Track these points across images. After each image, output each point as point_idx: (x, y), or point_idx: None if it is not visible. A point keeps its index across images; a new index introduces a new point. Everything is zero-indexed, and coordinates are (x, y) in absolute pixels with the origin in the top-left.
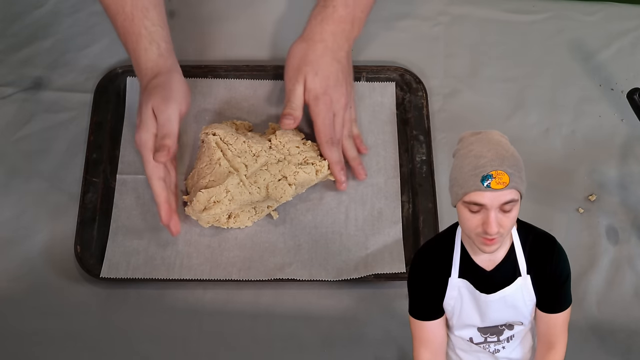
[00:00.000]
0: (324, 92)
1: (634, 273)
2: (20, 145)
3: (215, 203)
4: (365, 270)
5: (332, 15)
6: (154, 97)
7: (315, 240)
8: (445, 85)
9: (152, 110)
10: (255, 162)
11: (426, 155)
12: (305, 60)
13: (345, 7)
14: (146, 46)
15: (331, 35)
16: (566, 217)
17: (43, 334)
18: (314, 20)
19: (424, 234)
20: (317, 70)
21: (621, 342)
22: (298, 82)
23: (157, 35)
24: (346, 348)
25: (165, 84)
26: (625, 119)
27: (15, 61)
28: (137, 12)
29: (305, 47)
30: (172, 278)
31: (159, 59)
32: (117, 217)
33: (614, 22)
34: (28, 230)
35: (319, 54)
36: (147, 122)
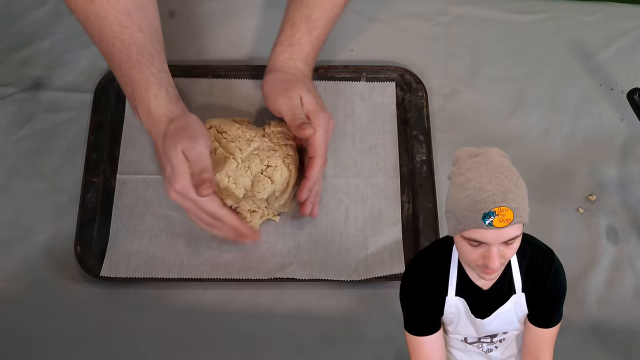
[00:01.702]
0: (320, 108)
1: (634, 273)
2: (20, 145)
3: (225, 190)
4: (365, 273)
5: (300, 52)
6: (181, 139)
7: (315, 241)
8: (445, 85)
9: (182, 154)
10: (248, 146)
11: (426, 155)
12: (292, 83)
13: (311, 46)
14: (156, 92)
15: (303, 66)
16: (566, 217)
17: (43, 334)
18: (281, 56)
19: (424, 234)
20: (308, 87)
21: (621, 342)
22: (294, 97)
23: (164, 82)
24: (346, 348)
25: (187, 125)
26: (625, 119)
27: (15, 61)
28: (144, 60)
29: (284, 74)
30: (172, 278)
31: (169, 104)
32: (117, 217)
33: (614, 22)
34: (28, 230)
35: (301, 78)
36: (181, 168)
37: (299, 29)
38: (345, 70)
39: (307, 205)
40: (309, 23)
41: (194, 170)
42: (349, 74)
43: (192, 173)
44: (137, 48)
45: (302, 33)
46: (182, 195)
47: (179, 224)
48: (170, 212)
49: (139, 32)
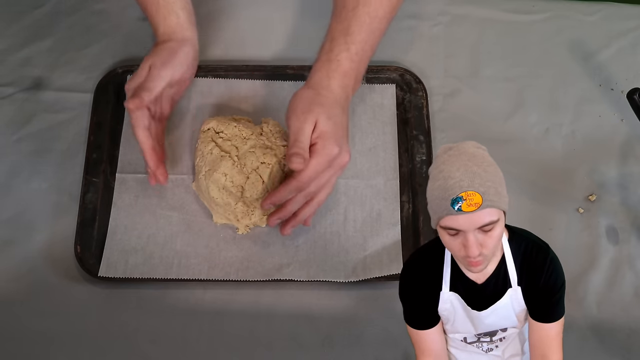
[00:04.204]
0: (334, 139)
1: (634, 273)
2: (20, 145)
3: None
4: (363, 274)
5: (337, 69)
6: (156, 57)
7: (313, 241)
8: (445, 85)
9: (148, 67)
10: (245, 144)
11: (426, 155)
12: (316, 103)
13: (350, 62)
14: (165, 15)
15: (338, 88)
16: (566, 217)
17: (43, 334)
18: (319, 73)
19: (424, 234)
20: (329, 115)
21: (621, 342)
22: (308, 121)
23: (176, 6)
24: (346, 348)
25: (172, 49)
26: (625, 119)
27: (15, 61)
28: None
29: (314, 93)
30: (169, 277)
31: (176, 27)
32: (116, 215)
33: (614, 22)
34: (28, 230)
35: (330, 102)
36: (139, 74)
37: (337, 44)
38: None
39: (273, 219)
40: (347, 37)
41: (142, 84)
42: None
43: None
44: None
45: (340, 48)
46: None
47: (177, 223)
48: (169, 211)
49: None
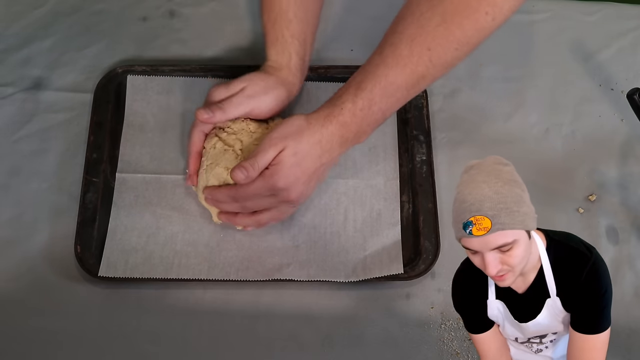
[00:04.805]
0: (286, 174)
1: (634, 273)
2: (20, 145)
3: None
4: (363, 274)
5: (337, 116)
6: (254, 83)
7: (313, 241)
8: (445, 85)
9: (242, 87)
10: (250, 137)
11: (426, 155)
12: (296, 136)
13: (352, 116)
14: (279, 51)
15: (328, 134)
16: (566, 217)
17: (43, 334)
18: (322, 111)
19: (424, 234)
20: (299, 152)
21: (621, 342)
22: (275, 147)
23: (292, 48)
24: (346, 348)
25: (270, 86)
26: (625, 119)
27: (15, 61)
28: (280, 20)
29: (304, 126)
30: (169, 277)
31: (285, 66)
32: (115, 215)
33: (613, 22)
34: (28, 230)
35: (311, 142)
36: (233, 86)
37: (347, 92)
38: (345, 70)
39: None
40: (357, 90)
41: (224, 102)
42: (349, 74)
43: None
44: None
45: (347, 98)
46: (210, 93)
47: (177, 223)
48: (169, 211)
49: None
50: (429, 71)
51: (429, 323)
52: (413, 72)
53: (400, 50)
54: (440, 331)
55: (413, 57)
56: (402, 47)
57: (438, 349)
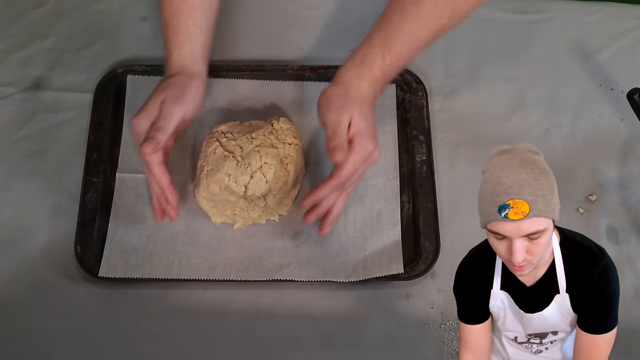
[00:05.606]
0: (369, 136)
1: (634, 273)
2: (20, 145)
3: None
4: (363, 273)
5: (368, 74)
6: (168, 92)
7: (314, 241)
8: (445, 85)
9: (160, 102)
10: (250, 143)
11: (426, 155)
12: (350, 101)
13: (381, 72)
14: (180, 44)
15: (368, 89)
16: (566, 217)
17: (43, 334)
18: (349, 73)
19: (424, 234)
20: (363, 113)
21: (621, 342)
22: (344, 116)
23: (194, 37)
24: (346, 348)
25: (183, 85)
26: (625, 119)
27: (15, 61)
28: (184, 9)
29: (345, 91)
30: (169, 278)
31: (187, 59)
32: (116, 215)
33: (613, 22)
34: (28, 230)
35: (361, 101)
36: (150, 109)
37: (373, 52)
38: None
39: (311, 216)
40: (384, 47)
41: (155, 123)
42: None
43: (152, 123)
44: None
45: (375, 56)
46: (133, 129)
47: (177, 223)
48: None
49: None
50: (450, 22)
51: (429, 323)
52: (437, 24)
53: (423, 4)
54: (440, 331)
55: (437, 10)
56: (425, 2)
57: (438, 349)
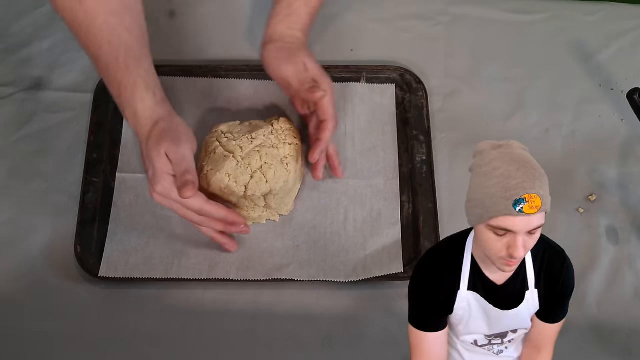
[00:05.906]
0: (325, 74)
1: (634, 273)
2: (20, 145)
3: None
4: (363, 273)
5: (297, 22)
6: (164, 142)
7: (314, 241)
8: (445, 85)
9: (165, 156)
10: (250, 143)
11: (426, 155)
12: (294, 50)
13: (308, 16)
14: (142, 95)
15: (302, 36)
16: (566, 217)
17: (43, 334)
18: (280, 25)
19: (424, 234)
20: (310, 56)
21: (621, 342)
22: (299, 65)
23: (152, 84)
24: (346, 348)
25: (171, 127)
26: (625, 119)
27: (15, 61)
28: (132, 62)
29: (286, 43)
30: (169, 277)
31: (156, 106)
32: (116, 215)
33: (613, 22)
34: (28, 230)
35: (303, 46)
36: (163, 170)
37: None
38: (345, 70)
39: (319, 170)
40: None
41: (177, 171)
42: (349, 74)
43: (175, 175)
44: (125, 50)
45: (300, 3)
46: (164, 197)
47: (177, 223)
48: (169, 211)
49: (127, 34)
50: None
51: None
52: None
53: None
54: None
55: None
56: None
57: None
